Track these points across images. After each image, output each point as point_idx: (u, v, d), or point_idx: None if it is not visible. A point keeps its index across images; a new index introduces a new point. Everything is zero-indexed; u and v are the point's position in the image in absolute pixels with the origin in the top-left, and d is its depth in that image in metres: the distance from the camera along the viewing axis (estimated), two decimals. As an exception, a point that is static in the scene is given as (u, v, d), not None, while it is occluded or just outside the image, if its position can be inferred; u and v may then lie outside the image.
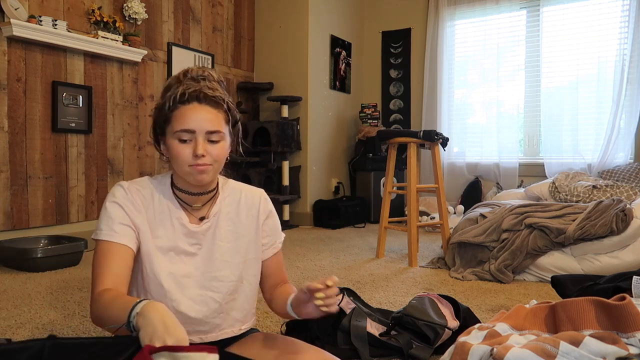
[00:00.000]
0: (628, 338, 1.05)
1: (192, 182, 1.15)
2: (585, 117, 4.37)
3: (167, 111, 1.13)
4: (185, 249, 1.19)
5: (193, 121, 1.10)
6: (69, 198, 3.39)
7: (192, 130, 1.10)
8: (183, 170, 1.13)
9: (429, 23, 5.05)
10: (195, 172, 1.12)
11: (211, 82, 1.16)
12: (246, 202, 1.27)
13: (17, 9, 2.99)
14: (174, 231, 1.18)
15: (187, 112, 1.11)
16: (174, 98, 1.12)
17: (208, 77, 1.17)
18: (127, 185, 1.18)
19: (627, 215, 2.53)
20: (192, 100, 1.11)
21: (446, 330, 1.57)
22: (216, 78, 1.19)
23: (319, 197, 4.80)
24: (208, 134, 1.11)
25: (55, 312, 2.01)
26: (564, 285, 1.83)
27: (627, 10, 4.13)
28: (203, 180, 1.14)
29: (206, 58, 4.43)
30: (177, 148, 1.11)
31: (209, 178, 1.15)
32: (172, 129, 1.12)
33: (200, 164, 1.11)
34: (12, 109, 3.08)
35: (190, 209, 1.21)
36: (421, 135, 3.00)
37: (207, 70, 1.18)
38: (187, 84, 1.14)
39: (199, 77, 1.16)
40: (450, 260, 2.85)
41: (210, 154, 1.13)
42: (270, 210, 1.31)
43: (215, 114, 1.13)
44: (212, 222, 1.22)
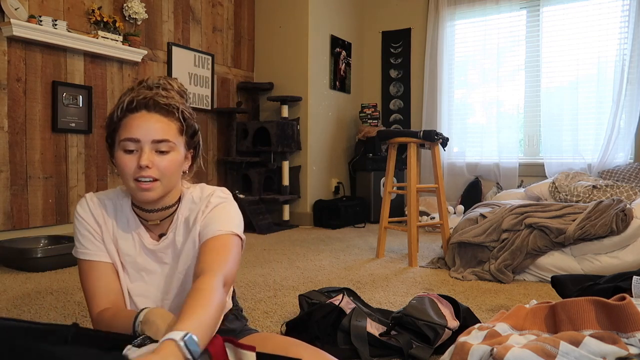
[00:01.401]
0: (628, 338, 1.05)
1: (137, 199, 1.08)
2: (585, 117, 4.37)
3: (115, 120, 1.07)
4: (146, 266, 1.14)
5: (138, 129, 1.02)
6: (69, 198, 3.39)
7: (137, 139, 1.02)
8: (129, 185, 1.06)
9: (429, 23, 5.05)
10: (140, 190, 1.04)
11: (167, 90, 1.10)
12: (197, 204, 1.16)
13: (17, 9, 2.99)
14: (134, 247, 1.15)
15: (135, 120, 1.03)
16: (122, 106, 1.05)
17: (164, 86, 1.10)
18: (89, 198, 1.16)
19: (627, 215, 2.52)
20: (141, 108, 1.04)
21: (446, 330, 1.57)
22: (176, 88, 1.13)
23: (319, 197, 4.80)
24: (155, 143, 1.03)
25: (55, 312, 2.01)
26: (564, 285, 1.83)
27: (627, 10, 4.13)
28: (148, 198, 1.05)
29: (206, 58, 4.43)
30: (122, 160, 1.04)
31: (156, 195, 1.06)
32: (118, 138, 1.05)
33: (145, 178, 1.03)
34: (12, 109, 3.08)
35: (147, 224, 1.15)
36: (421, 135, 3.00)
37: (167, 80, 1.13)
38: (139, 92, 1.07)
39: (153, 86, 1.10)
40: (450, 260, 2.85)
41: (157, 166, 1.04)
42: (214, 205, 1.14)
43: (166, 122, 1.05)
44: (170, 237, 1.15)
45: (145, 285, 1.15)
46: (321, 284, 2.49)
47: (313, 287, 2.35)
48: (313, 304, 1.77)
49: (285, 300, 2.19)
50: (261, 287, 2.39)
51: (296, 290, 2.32)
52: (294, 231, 4.36)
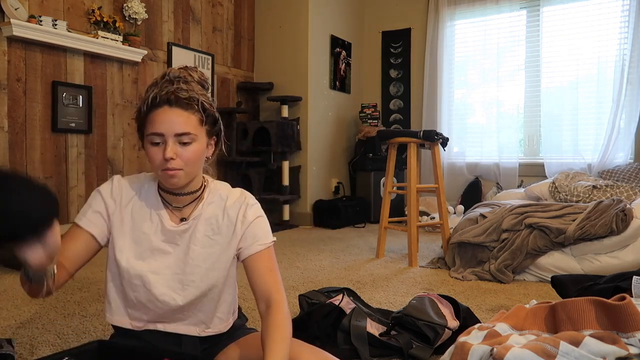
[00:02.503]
0: (628, 338, 1.05)
1: (166, 185, 1.17)
2: (585, 117, 4.37)
3: (142, 116, 1.15)
4: (159, 246, 1.20)
5: (162, 124, 1.11)
6: (69, 198, 3.39)
7: (161, 133, 1.11)
8: (157, 173, 1.15)
9: (429, 23, 5.05)
10: (166, 177, 1.13)
11: (188, 83, 1.16)
12: (229, 210, 1.23)
13: (17, 9, 2.99)
14: (151, 227, 1.21)
15: (158, 115, 1.12)
16: (147, 103, 1.13)
17: (185, 78, 1.16)
18: (117, 180, 1.24)
19: (627, 215, 2.52)
20: (163, 103, 1.12)
21: (446, 330, 1.57)
22: (196, 78, 1.19)
23: (319, 197, 4.80)
24: (177, 136, 1.11)
25: (55, 312, 2.01)
26: (564, 285, 1.83)
27: (627, 10, 4.13)
28: (174, 184, 1.15)
29: (206, 58, 4.43)
30: (150, 151, 1.13)
31: (181, 182, 1.15)
32: (146, 132, 1.14)
33: (170, 168, 1.11)
34: (12, 109, 3.08)
35: (171, 207, 1.22)
36: (421, 135, 3.00)
37: (187, 71, 1.18)
38: (162, 87, 1.14)
39: (175, 79, 1.16)
40: (450, 260, 2.85)
41: (181, 156, 1.12)
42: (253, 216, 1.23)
43: (187, 115, 1.13)
44: (191, 224, 1.21)
45: (157, 264, 1.20)
46: (321, 284, 2.49)
47: (313, 287, 2.35)
48: (313, 304, 1.77)
49: (285, 300, 2.19)
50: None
51: (296, 290, 2.32)
52: (294, 231, 4.36)
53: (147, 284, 1.18)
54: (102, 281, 2.53)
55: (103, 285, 1.28)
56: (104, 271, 1.25)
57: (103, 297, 2.23)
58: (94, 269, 2.78)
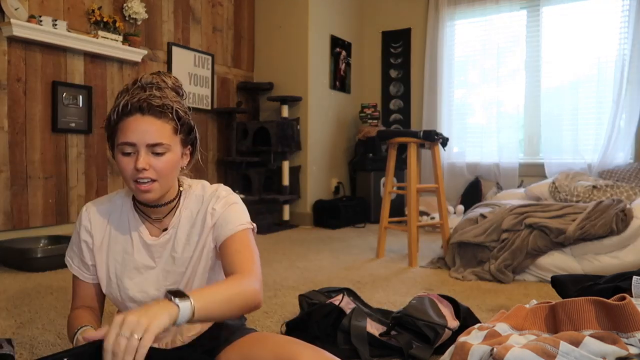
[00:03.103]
0: (628, 338, 1.05)
1: (139, 199, 1.12)
2: (585, 117, 4.37)
3: (112, 124, 1.09)
4: (144, 262, 1.18)
5: (134, 133, 1.05)
6: (69, 198, 3.39)
7: (132, 143, 1.06)
8: (130, 187, 1.11)
9: (429, 23, 5.05)
10: (139, 192, 1.08)
11: (161, 89, 1.10)
12: (202, 207, 1.19)
13: (17, 9, 2.99)
14: (132, 245, 1.18)
15: (130, 124, 1.06)
16: (117, 110, 1.08)
17: (157, 84, 1.11)
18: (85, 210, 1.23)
19: (627, 215, 2.53)
20: (135, 111, 1.06)
21: (446, 330, 1.57)
22: (170, 84, 1.14)
23: (319, 197, 4.80)
24: (150, 146, 1.06)
25: (55, 312, 2.01)
26: (564, 285, 1.83)
27: (627, 11, 4.13)
28: (148, 198, 1.10)
29: (206, 58, 4.43)
30: (121, 162, 1.08)
31: (156, 196, 1.10)
32: (116, 141, 1.09)
33: (143, 180, 1.07)
34: (12, 109, 3.08)
35: (151, 220, 1.19)
36: (421, 135, 3.00)
37: (160, 77, 1.13)
38: (133, 93, 1.09)
39: (147, 85, 1.10)
40: (450, 260, 2.85)
41: (154, 167, 1.07)
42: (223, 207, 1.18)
43: (160, 124, 1.07)
44: (171, 233, 1.18)
45: (144, 281, 1.18)
46: (321, 284, 2.48)
47: (313, 287, 2.35)
48: (313, 304, 1.77)
49: (285, 300, 2.19)
50: (261, 287, 2.39)
51: (296, 290, 2.32)
52: (294, 231, 4.36)
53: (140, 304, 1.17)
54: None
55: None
56: None
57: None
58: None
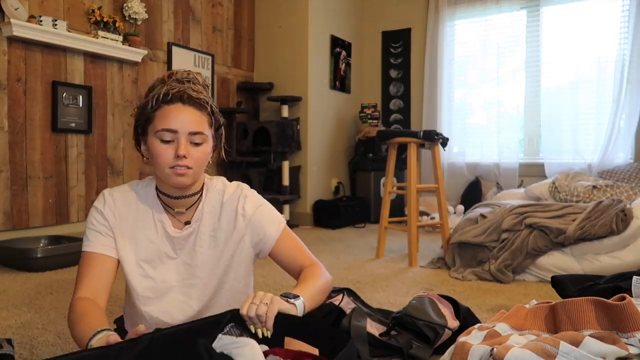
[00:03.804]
0: (628, 338, 1.05)
1: (171, 184, 1.13)
2: (585, 117, 4.37)
3: (149, 111, 1.11)
4: (167, 252, 1.19)
5: (176, 121, 1.08)
6: (69, 198, 3.39)
7: (175, 130, 1.09)
8: (163, 172, 1.12)
9: (429, 23, 5.05)
10: (174, 175, 1.10)
11: (196, 84, 1.15)
12: (227, 205, 1.22)
13: (17, 9, 2.99)
14: (156, 234, 1.19)
15: (171, 111, 1.09)
16: (157, 97, 1.10)
17: (193, 80, 1.15)
18: (108, 193, 1.19)
19: (627, 215, 2.53)
20: (176, 100, 1.10)
21: (446, 330, 1.57)
22: (201, 82, 1.18)
23: (319, 197, 4.80)
24: (191, 135, 1.10)
25: (55, 312, 2.01)
26: (564, 285, 1.83)
27: (627, 11, 4.13)
28: (182, 183, 1.12)
29: (206, 58, 4.43)
30: (159, 148, 1.09)
31: (189, 181, 1.13)
32: (154, 128, 1.10)
33: (181, 166, 1.09)
34: (12, 109, 3.08)
35: (173, 212, 1.20)
36: (421, 135, 3.00)
37: (193, 74, 1.17)
38: (171, 84, 1.12)
39: (183, 79, 1.14)
40: (450, 260, 2.85)
41: (192, 156, 1.10)
42: (253, 208, 1.23)
43: (199, 115, 1.11)
44: (194, 227, 1.20)
45: (167, 272, 1.19)
46: (321, 284, 2.48)
47: (313, 287, 2.35)
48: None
49: (285, 300, 2.19)
50: (262, 287, 2.39)
51: (296, 290, 2.32)
52: (294, 231, 4.34)
53: (160, 294, 1.17)
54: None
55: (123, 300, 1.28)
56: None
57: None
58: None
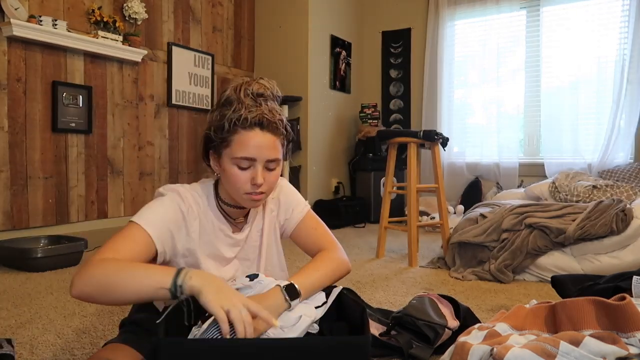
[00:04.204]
0: (628, 338, 1.05)
1: (245, 206, 1.18)
2: (585, 117, 4.37)
3: (225, 133, 1.11)
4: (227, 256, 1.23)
5: (255, 149, 1.09)
6: (69, 198, 3.39)
7: (253, 158, 1.10)
8: (237, 195, 1.14)
9: (429, 23, 5.05)
10: (250, 200, 1.14)
11: (269, 101, 1.14)
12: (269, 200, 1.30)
13: (17, 9, 2.99)
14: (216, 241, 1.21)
15: (249, 139, 1.09)
16: (235, 121, 1.09)
17: (268, 97, 1.15)
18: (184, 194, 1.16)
19: (627, 215, 2.53)
20: (255, 126, 1.10)
21: (446, 330, 1.57)
22: (274, 93, 1.17)
23: (319, 197, 4.80)
24: (268, 162, 1.12)
25: (55, 312, 2.01)
26: (564, 285, 1.83)
27: (627, 10, 4.12)
28: (256, 206, 1.19)
29: (206, 58, 4.43)
30: (236, 175, 1.11)
31: (262, 204, 1.22)
32: (230, 154, 1.11)
33: (257, 193, 1.12)
34: (12, 109, 3.08)
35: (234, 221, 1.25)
36: (421, 135, 3.00)
37: (266, 87, 1.15)
38: (248, 105, 1.11)
39: (258, 97, 1.13)
40: (450, 260, 2.85)
41: (267, 181, 1.13)
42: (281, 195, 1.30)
43: (275, 140, 1.13)
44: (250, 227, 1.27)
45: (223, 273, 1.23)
46: (321, 284, 2.48)
47: (313, 287, 2.35)
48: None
49: (285, 300, 2.19)
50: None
51: (296, 290, 2.31)
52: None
53: None
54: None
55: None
56: None
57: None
58: (94, 269, 2.77)
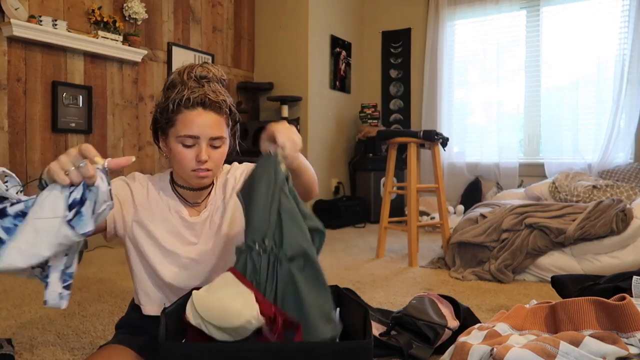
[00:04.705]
0: (628, 338, 1.05)
1: (192, 185, 1.21)
2: (585, 117, 4.37)
3: (170, 114, 1.15)
4: (188, 239, 1.24)
5: (198, 127, 1.13)
6: (69, 198, 3.39)
7: (197, 136, 1.13)
8: (184, 173, 1.18)
9: (429, 23, 5.05)
10: (196, 177, 1.17)
11: (214, 83, 1.19)
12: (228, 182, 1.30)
13: (17, 9, 2.99)
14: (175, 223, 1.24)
15: (192, 117, 1.13)
16: (178, 102, 1.14)
17: (211, 79, 1.19)
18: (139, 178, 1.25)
19: (627, 215, 2.53)
20: (197, 105, 1.14)
21: (446, 330, 1.57)
22: (218, 77, 1.21)
23: (319, 197, 4.80)
24: (211, 139, 1.15)
25: (55, 312, 2.01)
26: (564, 285, 1.83)
27: (627, 10, 4.12)
28: (203, 184, 1.21)
29: (206, 58, 4.43)
30: (181, 153, 1.15)
31: (209, 181, 1.22)
32: (175, 133, 1.15)
33: (202, 169, 1.15)
34: (12, 109, 3.08)
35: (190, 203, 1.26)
36: (421, 135, 3.00)
37: (210, 69, 1.20)
38: (191, 86, 1.15)
39: (202, 79, 1.17)
40: (450, 260, 2.85)
41: (212, 159, 1.16)
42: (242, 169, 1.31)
43: (219, 119, 1.16)
44: (210, 210, 1.26)
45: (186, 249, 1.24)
46: (321, 284, 2.48)
47: (313, 287, 2.34)
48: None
49: (285, 300, 2.19)
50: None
51: (296, 290, 2.32)
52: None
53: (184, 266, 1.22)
54: (101, 281, 2.53)
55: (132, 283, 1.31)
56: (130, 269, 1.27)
57: (104, 297, 2.23)
58: (94, 269, 2.78)
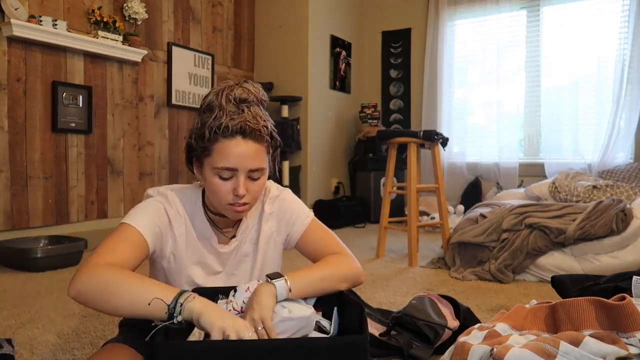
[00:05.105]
0: (628, 338, 1.05)
1: (228, 217, 1.13)
2: (585, 117, 4.37)
3: (206, 142, 1.05)
4: (214, 267, 1.19)
5: (236, 159, 1.03)
6: (69, 198, 3.39)
7: (235, 168, 1.04)
8: (220, 206, 1.09)
9: (429, 23, 5.05)
10: (232, 211, 1.08)
11: (254, 106, 1.07)
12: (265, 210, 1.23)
13: (17, 9, 2.99)
14: (202, 250, 1.18)
15: (230, 148, 1.03)
16: (216, 130, 1.03)
17: (251, 102, 1.07)
18: (172, 198, 1.15)
19: (627, 215, 2.53)
20: (236, 134, 1.03)
21: (446, 330, 1.57)
22: (259, 98, 1.10)
23: (319, 197, 4.80)
24: (250, 172, 1.06)
25: (55, 312, 2.01)
26: (564, 285, 1.83)
27: (627, 10, 4.13)
28: (239, 217, 1.14)
29: (206, 58, 4.43)
30: (217, 185, 1.06)
31: (245, 215, 1.15)
32: (211, 163, 1.05)
33: (239, 204, 1.07)
34: (12, 109, 3.08)
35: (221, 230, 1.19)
36: (421, 135, 3.00)
37: (250, 91, 1.08)
38: (230, 111, 1.04)
39: (241, 103, 1.06)
40: (450, 260, 2.85)
41: (250, 191, 1.07)
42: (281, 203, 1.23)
43: (258, 148, 1.06)
44: (240, 240, 1.20)
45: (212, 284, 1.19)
46: (321, 284, 2.48)
47: (313, 287, 2.34)
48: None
49: (285, 300, 2.19)
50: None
51: (296, 290, 2.31)
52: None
53: None
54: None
55: None
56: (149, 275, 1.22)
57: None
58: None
